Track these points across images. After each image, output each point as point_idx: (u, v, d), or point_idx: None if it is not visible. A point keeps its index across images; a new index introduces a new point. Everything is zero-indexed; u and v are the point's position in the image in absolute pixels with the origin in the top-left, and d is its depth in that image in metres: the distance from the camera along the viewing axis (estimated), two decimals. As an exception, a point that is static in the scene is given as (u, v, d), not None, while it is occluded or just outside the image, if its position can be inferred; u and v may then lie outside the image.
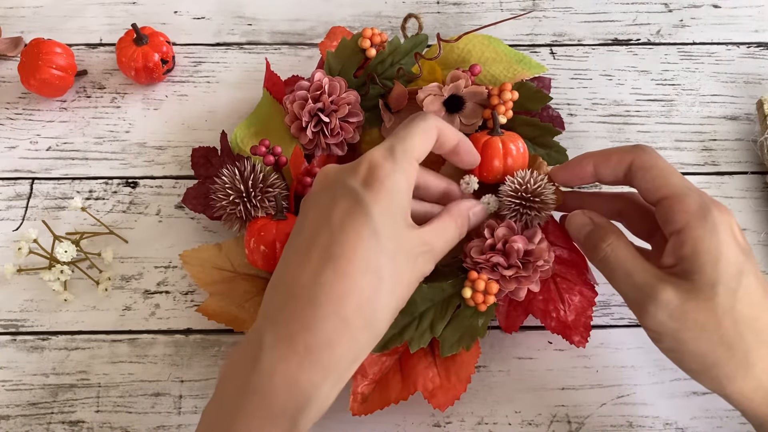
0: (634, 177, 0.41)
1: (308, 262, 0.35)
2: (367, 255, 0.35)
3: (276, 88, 0.54)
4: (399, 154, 0.37)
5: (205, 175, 0.52)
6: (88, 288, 0.51)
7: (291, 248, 0.37)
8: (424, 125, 0.39)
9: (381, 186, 0.36)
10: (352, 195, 0.36)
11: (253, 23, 0.63)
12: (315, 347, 0.34)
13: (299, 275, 0.35)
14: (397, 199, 0.36)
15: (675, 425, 0.46)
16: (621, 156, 0.41)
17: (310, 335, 0.34)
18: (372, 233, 0.35)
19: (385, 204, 0.36)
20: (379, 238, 0.35)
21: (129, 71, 0.57)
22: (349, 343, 0.34)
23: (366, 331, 0.35)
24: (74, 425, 0.46)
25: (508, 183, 0.46)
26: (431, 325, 0.44)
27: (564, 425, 0.46)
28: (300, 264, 0.35)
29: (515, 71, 0.53)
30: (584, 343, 0.45)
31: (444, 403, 0.44)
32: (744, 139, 0.57)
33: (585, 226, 0.42)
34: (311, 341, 0.34)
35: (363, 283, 0.34)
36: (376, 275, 0.35)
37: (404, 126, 0.39)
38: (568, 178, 0.44)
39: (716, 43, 0.62)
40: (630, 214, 0.45)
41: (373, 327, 0.36)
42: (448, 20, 0.63)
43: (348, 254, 0.34)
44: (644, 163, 0.40)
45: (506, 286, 0.44)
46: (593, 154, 0.43)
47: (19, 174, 0.55)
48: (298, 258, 0.36)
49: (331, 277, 0.34)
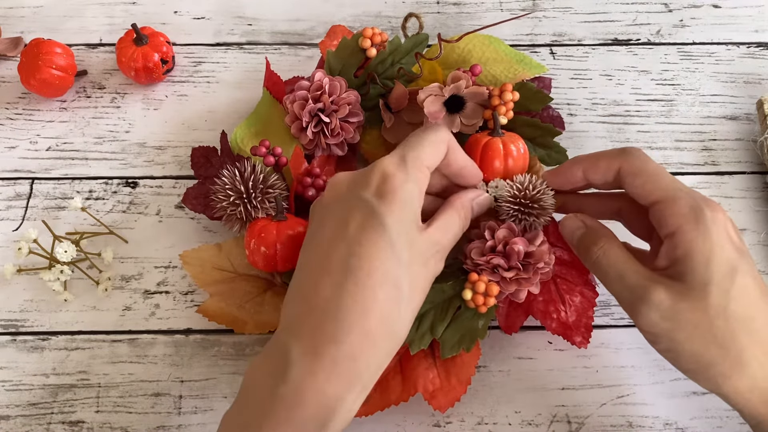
0: (623, 182, 0.41)
1: (327, 274, 0.36)
2: (385, 266, 0.35)
3: (276, 88, 0.54)
4: (411, 162, 0.38)
5: (205, 175, 0.52)
6: (88, 288, 0.51)
7: (307, 261, 0.38)
8: (436, 137, 0.39)
9: (394, 197, 0.36)
10: (366, 207, 0.36)
11: (253, 23, 0.63)
12: (340, 360, 0.34)
13: (320, 288, 0.35)
14: (410, 208, 0.37)
15: (675, 425, 0.46)
16: (609, 162, 0.41)
17: (335, 348, 0.34)
18: (388, 244, 0.35)
19: (398, 214, 0.36)
20: (395, 248, 0.35)
21: (129, 71, 0.57)
22: (372, 355, 0.35)
23: (388, 342, 0.36)
24: (74, 425, 0.46)
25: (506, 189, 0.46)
26: (431, 326, 0.44)
27: (564, 425, 0.46)
28: (319, 277, 0.36)
29: (516, 71, 0.52)
30: (586, 343, 0.45)
31: (444, 405, 0.44)
32: (744, 139, 0.57)
33: (578, 229, 0.42)
34: (337, 354, 0.34)
35: (383, 295, 0.35)
36: (395, 286, 0.35)
37: (416, 134, 0.40)
38: (560, 183, 0.45)
39: (716, 43, 0.62)
40: (628, 213, 0.45)
41: (395, 337, 0.36)
42: (448, 20, 0.63)
43: (366, 267, 0.35)
44: (632, 167, 0.40)
45: (507, 287, 0.44)
46: (582, 159, 0.43)
47: (19, 174, 0.55)
48: (317, 271, 0.36)
49: (352, 290, 0.35)
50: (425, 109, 0.50)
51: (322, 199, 0.40)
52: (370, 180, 0.37)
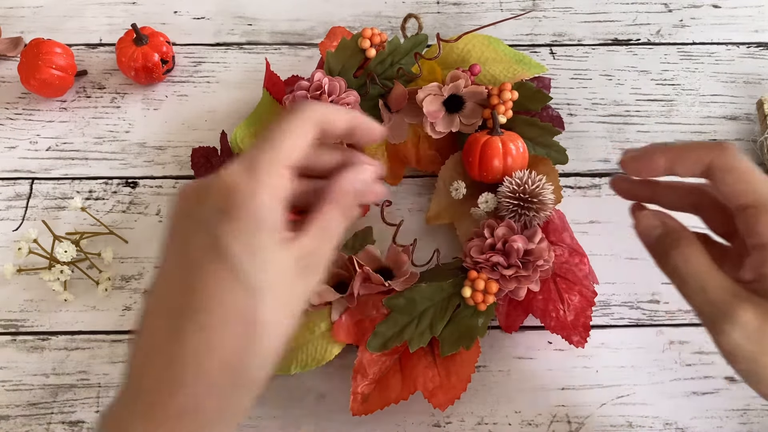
0: (713, 177, 0.37)
1: (163, 313, 0.31)
2: (229, 301, 0.30)
3: (276, 88, 0.54)
4: (262, 167, 0.31)
5: (204, 175, 0.52)
6: (88, 288, 0.51)
7: (147, 299, 0.33)
8: (295, 123, 0.33)
9: (239, 213, 0.30)
10: (206, 228, 0.30)
11: (253, 23, 0.63)
12: (182, 414, 0.30)
13: (156, 330, 0.31)
14: (264, 223, 0.31)
15: (675, 425, 0.46)
16: (701, 154, 0.37)
17: (174, 402, 0.30)
18: (233, 274, 0.30)
19: (246, 234, 0.30)
20: (244, 276, 0.30)
21: (129, 71, 0.57)
22: (219, 405, 0.31)
23: (238, 389, 0.31)
24: (74, 425, 0.46)
25: (506, 184, 0.46)
26: (431, 324, 0.44)
27: (564, 425, 0.46)
28: (156, 319, 0.31)
29: (515, 71, 0.52)
30: (583, 343, 0.45)
31: (444, 403, 0.44)
32: (744, 139, 0.57)
33: (655, 228, 0.37)
34: (176, 408, 0.30)
35: (229, 335, 0.30)
36: (245, 322, 0.30)
37: (271, 128, 0.33)
38: (638, 169, 0.39)
39: (716, 43, 0.62)
40: (710, 210, 0.40)
41: (246, 381, 0.31)
42: (447, 20, 0.63)
43: (206, 305, 0.30)
44: (726, 164, 0.36)
45: (506, 285, 0.44)
46: (667, 150, 0.38)
47: (18, 174, 0.55)
48: (154, 312, 0.31)
49: (190, 334, 0.30)
50: (424, 109, 0.50)
51: (170, 214, 0.33)
52: (213, 194, 0.31)
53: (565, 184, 0.54)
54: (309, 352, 0.45)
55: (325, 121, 0.34)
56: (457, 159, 0.51)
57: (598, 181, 0.54)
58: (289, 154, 0.32)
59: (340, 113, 0.34)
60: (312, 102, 0.34)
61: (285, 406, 0.46)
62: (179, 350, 0.30)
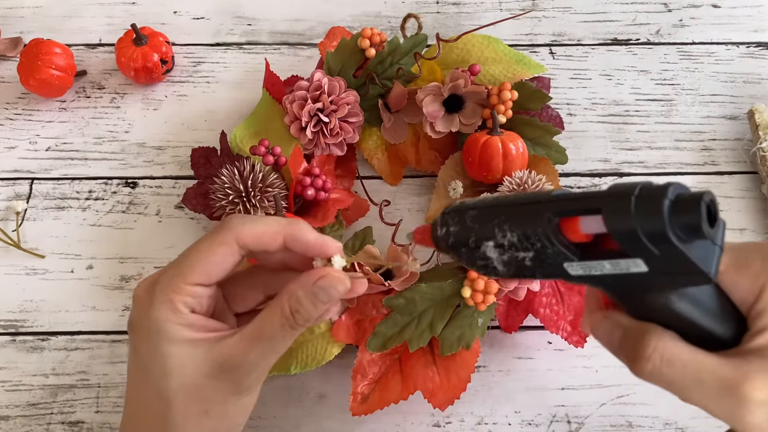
0: None
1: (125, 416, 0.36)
2: (144, 402, 0.33)
3: (275, 88, 0.54)
4: (162, 285, 0.32)
5: (204, 175, 0.52)
6: (88, 288, 0.51)
7: None
8: (211, 240, 0.33)
9: (140, 326, 0.33)
10: (131, 334, 0.34)
11: (252, 23, 0.63)
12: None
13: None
14: (164, 334, 0.32)
15: (675, 425, 0.46)
16: None
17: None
18: (147, 380, 0.33)
19: (149, 344, 0.32)
20: (153, 383, 0.32)
21: (128, 71, 0.57)
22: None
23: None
24: (74, 426, 0.46)
25: (506, 184, 0.46)
26: (431, 324, 0.44)
27: (564, 425, 0.46)
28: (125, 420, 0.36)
29: (515, 71, 0.52)
30: (583, 343, 0.45)
31: (444, 403, 0.44)
32: (744, 138, 0.57)
33: (613, 332, 0.32)
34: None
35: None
36: (159, 424, 0.32)
37: (190, 246, 0.34)
38: None
39: (716, 42, 0.62)
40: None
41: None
42: (447, 20, 0.63)
43: (134, 412, 0.34)
44: None
45: (506, 285, 0.44)
46: None
47: (18, 174, 0.55)
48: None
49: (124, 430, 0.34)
50: (424, 109, 0.50)
51: None
52: (133, 300, 0.34)
53: (565, 184, 0.54)
54: (309, 352, 0.45)
55: (250, 235, 0.33)
56: (457, 159, 0.52)
57: (597, 180, 0.54)
58: (201, 269, 0.32)
59: (270, 225, 0.33)
60: (239, 216, 0.34)
61: (285, 406, 0.46)
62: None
